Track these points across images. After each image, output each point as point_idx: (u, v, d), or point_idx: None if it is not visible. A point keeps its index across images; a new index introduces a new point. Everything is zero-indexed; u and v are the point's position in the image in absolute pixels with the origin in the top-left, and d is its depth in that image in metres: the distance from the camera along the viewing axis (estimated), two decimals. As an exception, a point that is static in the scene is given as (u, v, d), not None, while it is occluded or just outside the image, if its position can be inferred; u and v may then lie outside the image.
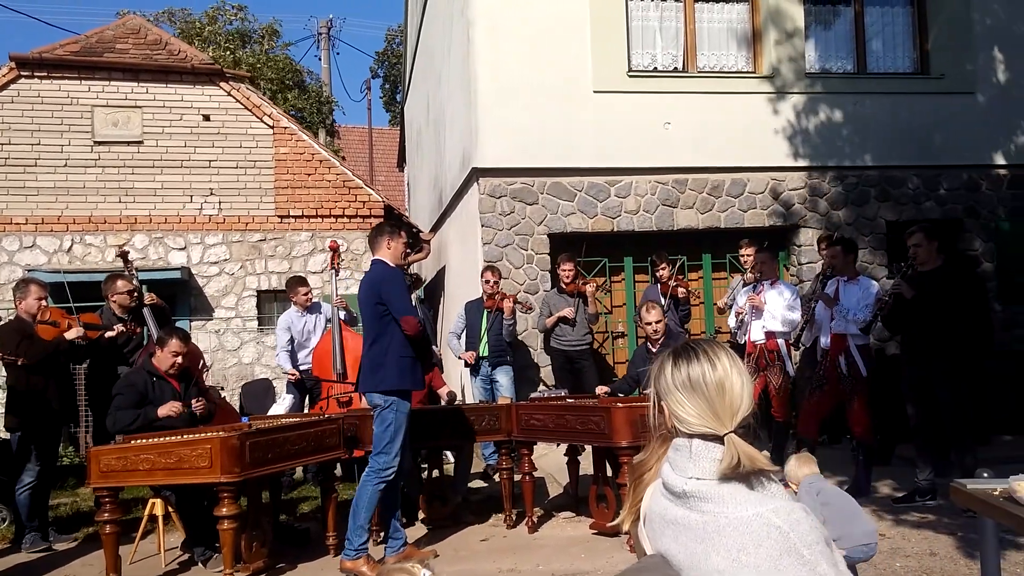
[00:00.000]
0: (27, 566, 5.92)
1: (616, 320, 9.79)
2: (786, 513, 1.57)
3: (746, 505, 1.58)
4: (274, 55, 24.15)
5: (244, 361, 10.91)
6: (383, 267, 5.52)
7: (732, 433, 1.65)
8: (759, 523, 1.55)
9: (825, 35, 10.17)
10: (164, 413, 5.78)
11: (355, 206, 11.35)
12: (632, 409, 5.64)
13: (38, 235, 10.47)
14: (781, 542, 1.53)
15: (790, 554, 1.52)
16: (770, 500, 1.60)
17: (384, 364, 5.34)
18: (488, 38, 9.25)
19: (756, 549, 1.53)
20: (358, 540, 5.36)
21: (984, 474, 3.02)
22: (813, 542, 1.55)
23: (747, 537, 1.54)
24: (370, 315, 5.42)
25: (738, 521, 1.56)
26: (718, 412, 1.67)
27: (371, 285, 5.43)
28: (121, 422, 5.73)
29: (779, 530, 1.54)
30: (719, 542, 1.56)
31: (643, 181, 9.52)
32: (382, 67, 34.70)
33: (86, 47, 10.96)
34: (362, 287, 5.59)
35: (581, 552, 5.70)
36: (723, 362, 1.72)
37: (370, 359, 5.41)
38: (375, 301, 5.37)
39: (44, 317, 6.47)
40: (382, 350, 5.36)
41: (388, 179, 26.82)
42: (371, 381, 5.39)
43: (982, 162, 10.18)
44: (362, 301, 5.52)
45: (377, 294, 5.36)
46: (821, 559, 1.54)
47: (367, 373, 5.43)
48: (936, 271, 6.39)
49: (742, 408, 1.68)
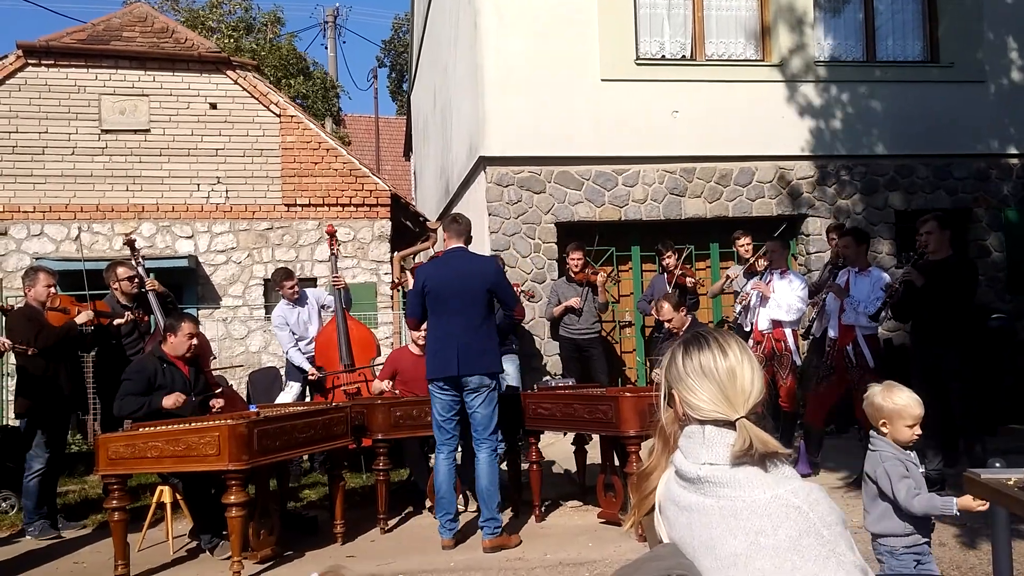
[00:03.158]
0: (36, 553, 5.93)
1: (623, 309, 9.77)
2: (805, 493, 1.56)
3: (763, 488, 1.58)
4: (278, 43, 24.11)
5: (251, 349, 10.92)
6: (494, 260, 5.97)
7: (744, 418, 1.66)
8: (777, 504, 1.54)
9: (834, 23, 10.11)
10: (169, 404, 5.74)
11: (362, 195, 11.33)
12: (640, 398, 5.62)
13: (46, 223, 10.47)
14: (801, 522, 1.52)
15: (810, 534, 1.51)
16: (787, 482, 1.60)
17: (489, 349, 5.64)
18: (495, 26, 9.21)
19: (775, 531, 1.52)
20: (500, 518, 5.63)
21: (996, 463, 3.00)
22: (833, 522, 1.54)
23: (765, 519, 1.54)
24: (480, 301, 5.63)
25: (755, 504, 1.56)
26: (730, 397, 1.68)
27: (485, 274, 5.70)
28: (126, 408, 5.73)
29: (799, 510, 1.53)
30: (736, 526, 1.55)
31: (651, 170, 9.48)
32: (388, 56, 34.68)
33: (93, 35, 10.94)
34: (465, 272, 5.67)
35: (588, 541, 5.69)
36: (734, 350, 1.73)
37: (477, 343, 5.58)
38: (486, 288, 5.63)
39: (54, 304, 6.48)
40: (489, 334, 5.68)
41: (395, 168, 26.79)
42: (481, 363, 5.57)
43: (992, 151, 10.12)
44: (468, 289, 5.61)
45: (493, 283, 5.67)
46: (840, 539, 1.53)
47: (474, 356, 5.55)
48: (946, 260, 6.35)
49: (753, 394, 1.69)
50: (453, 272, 5.68)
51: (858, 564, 1.53)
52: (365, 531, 6.11)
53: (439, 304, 5.64)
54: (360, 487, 7.37)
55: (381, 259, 11.44)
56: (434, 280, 5.71)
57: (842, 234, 7.29)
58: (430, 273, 5.84)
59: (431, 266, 6.25)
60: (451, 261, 5.79)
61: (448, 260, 5.82)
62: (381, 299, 11.12)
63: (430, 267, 6.19)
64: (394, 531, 6.16)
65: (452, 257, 5.80)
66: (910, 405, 3.43)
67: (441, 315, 5.65)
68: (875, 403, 3.48)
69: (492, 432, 5.63)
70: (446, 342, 5.58)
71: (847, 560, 1.51)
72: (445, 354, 5.56)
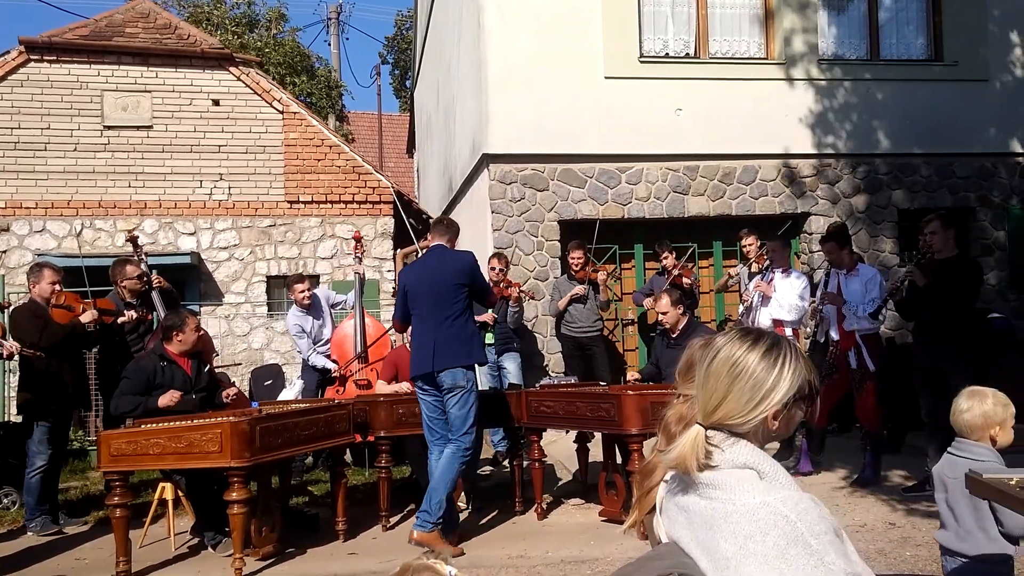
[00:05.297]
0: (37, 549, 5.94)
1: (626, 308, 9.76)
2: (794, 503, 1.56)
3: (753, 493, 1.58)
4: (281, 39, 24.08)
5: (254, 346, 10.92)
6: (471, 254, 5.75)
7: (700, 426, 1.68)
8: (766, 511, 1.55)
9: (838, 21, 10.07)
10: (164, 403, 5.71)
11: (364, 192, 11.33)
12: (643, 396, 5.63)
13: (48, 219, 10.48)
14: (788, 531, 1.52)
15: (797, 544, 1.51)
16: (778, 489, 1.60)
17: (464, 343, 5.49)
18: (498, 23, 9.19)
19: (763, 538, 1.52)
20: (436, 515, 5.37)
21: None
22: (821, 532, 1.54)
23: (754, 525, 1.54)
24: (451, 296, 5.50)
25: (745, 508, 1.56)
26: (702, 401, 1.71)
27: (460, 268, 5.56)
28: (123, 407, 5.73)
29: (786, 519, 1.53)
30: (727, 529, 1.56)
31: (654, 168, 9.47)
32: (392, 52, 34.64)
33: (95, 31, 10.94)
34: (440, 267, 5.58)
35: (590, 539, 5.69)
36: (718, 356, 1.73)
37: (451, 338, 5.46)
38: (461, 283, 5.52)
39: (59, 301, 6.47)
40: (464, 328, 5.53)
41: (398, 165, 26.78)
42: (455, 358, 5.44)
43: (996, 149, 10.10)
44: (439, 284, 5.53)
45: (465, 277, 5.53)
46: (829, 548, 1.52)
47: (448, 351, 5.44)
48: (951, 260, 6.34)
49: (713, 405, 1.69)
50: (427, 270, 5.69)
51: (849, 572, 1.53)
52: (367, 528, 6.12)
53: (416, 303, 5.63)
54: (362, 484, 7.38)
55: (384, 256, 11.45)
56: (411, 280, 5.72)
57: (823, 240, 7.27)
58: (408, 274, 5.87)
59: (410, 267, 6.24)
60: (427, 259, 5.81)
61: (425, 259, 5.85)
62: (384, 296, 11.12)
63: (409, 268, 6.20)
64: (396, 528, 6.15)
65: (429, 255, 5.81)
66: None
67: (418, 314, 5.63)
68: (985, 411, 3.26)
69: (465, 432, 5.49)
70: (423, 340, 5.55)
71: (837, 569, 1.51)
72: (422, 352, 5.52)
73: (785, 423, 1.69)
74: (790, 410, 1.68)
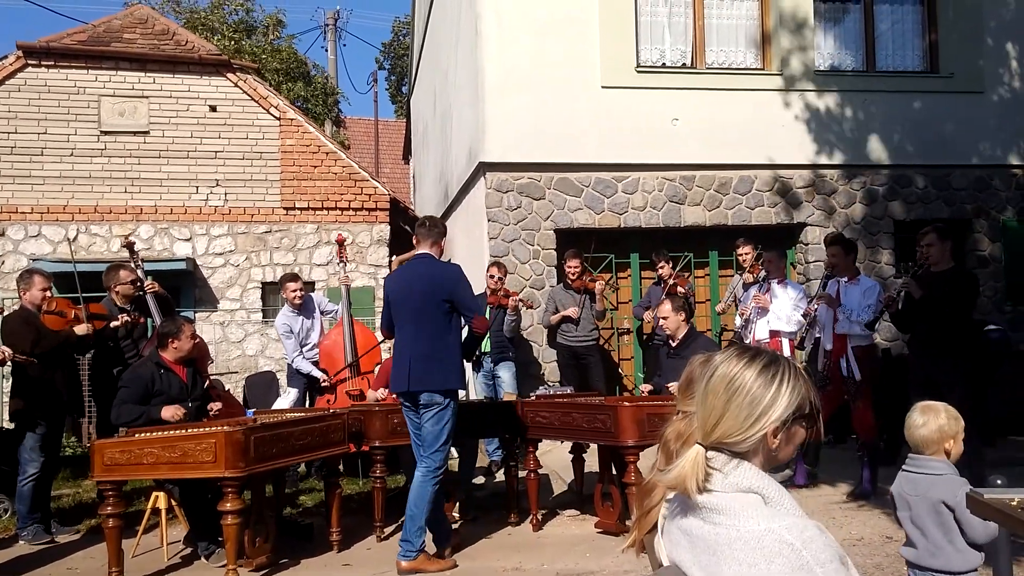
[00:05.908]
0: (28, 558, 5.90)
1: (622, 317, 9.75)
2: (799, 530, 1.54)
3: (758, 519, 1.56)
4: (279, 45, 24.09)
5: (248, 353, 10.89)
6: (456, 268, 5.52)
7: (700, 445, 1.66)
8: (771, 539, 1.52)
9: (834, 32, 10.10)
10: (167, 416, 5.72)
11: (361, 198, 11.33)
12: (639, 408, 5.61)
13: (43, 224, 10.45)
14: (793, 559, 1.50)
15: (802, 572, 1.49)
16: (784, 516, 1.58)
17: (445, 361, 5.26)
18: (496, 31, 9.20)
19: (768, 565, 1.50)
20: (419, 541, 5.24)
21: (998, 481, 2.97)
22: (827, 560, 1.52)
23: (759, 553, 1.52)
24: (431, 311, 5.27)
25: (749, 535, 1.54)
26: (702, 419, 1.68)
27: (442, 283, 5.29)
28: (124, 417, 5.70)
29: (791, 547, 1.51)
30: (731, 555, 1.54)
31: (650, 177, 9.47)
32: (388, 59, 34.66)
33: (93, 36, 10.93)
34: (421, 281, 5.34)
35: (586, 551, 5.67)
36: (717, 373, 1.71)
37: (429, 356, 5.24)
38: (442, 298, 5.25)
39: (50, 307, 6.44)
40: (444, 347, 5.26)
41: (393, 171, 26.77)
42: (433, 380, 5.23)
43: (992, 161, 10.12)
44: (420, 295, 5.29)
45: (448, 292, 5.26)
46: None
47: (426, 372, 5.23)
48: (947, 272, 6.34)
49: (711, 423, 1.67)
50: (410, 280, 5.41)
51: None
52: (361, 538, 6.08)
53: (398, 314, 5.39)
54: (356, 494, 7.34)
55: (379, 263, 11.43)
56: (394, 289, 5.49)
57: (829, 243, 7.27)
58: (392, 282, 5.65)
59: (395, 275, 6.03)
60: (413, 268, 5.54)
61: (410, 267, 5.60)
62: (379, 303, 11.10)
63: (393, 276, 5.97)
64: (390, 539, 6.09)
65: (415, 264, 5.56)
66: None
67: (399, 325, 5.40)
68: (941, 425, 3.25)
69: (436, 451, 5.27)
70: (400, 354, 5.35)
71: None
72: (399, 368, 5.33)
73: (787, 443, 1.67)
74: (790, 428, 1.66)
